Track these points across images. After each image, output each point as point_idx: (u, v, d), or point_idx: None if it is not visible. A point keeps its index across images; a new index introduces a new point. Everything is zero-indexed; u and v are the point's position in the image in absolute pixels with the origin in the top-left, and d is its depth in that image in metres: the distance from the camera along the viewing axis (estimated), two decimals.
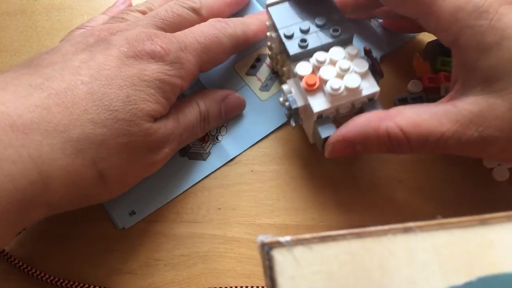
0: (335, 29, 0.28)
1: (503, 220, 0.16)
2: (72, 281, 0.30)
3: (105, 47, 0.26)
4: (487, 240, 0.15)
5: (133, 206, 0.31)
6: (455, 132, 0.24)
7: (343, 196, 0.32)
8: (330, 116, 0.28)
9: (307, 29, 0.28)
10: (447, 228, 0.15)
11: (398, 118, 0.25)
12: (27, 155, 0.22)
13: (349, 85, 0.26)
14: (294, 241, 0.15)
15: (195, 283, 0.30)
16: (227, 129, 0.33)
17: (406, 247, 0.15)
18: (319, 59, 0.27)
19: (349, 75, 0.27)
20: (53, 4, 0.38)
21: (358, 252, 0.15)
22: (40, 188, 0.23)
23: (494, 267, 0.15)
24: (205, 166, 0.32)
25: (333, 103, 0.27)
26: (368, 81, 0.27)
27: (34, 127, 0.23)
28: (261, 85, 0.34)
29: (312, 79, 0.27)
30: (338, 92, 0.26)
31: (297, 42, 0.28)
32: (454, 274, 0.15)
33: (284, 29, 0.29)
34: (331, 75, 0.27)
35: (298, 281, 0.15)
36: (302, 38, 0.28)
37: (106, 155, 0.25)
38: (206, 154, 0.33)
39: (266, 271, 0.15)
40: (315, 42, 0.28)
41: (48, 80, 0.24)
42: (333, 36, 0.28)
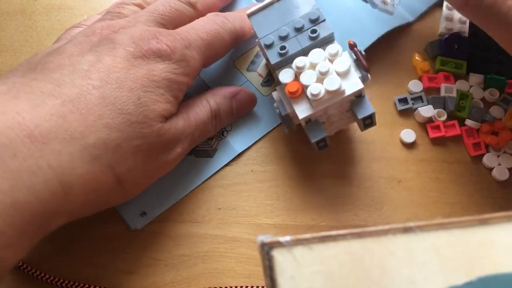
0: (313, 31, 0.28)
1: (503, 220, 0.16)
2: (72, 281, 0.30)
3: (111, 47, 0.26)
4: (487, 240, 0.15)
5: (143, 207, 0.31)
6: None
7: (343, 196, 0.32)
8: (319, 118, 0.28)
9: (286, 35, 0.28)
10: (447, 228, 0.15)
11: None
12: (46, 166, 0.22)
13: (329, 88, 0.26)
14: (294, 241, 0.15)
15: (195, 283, 0.30)
16: (232, 125, 0.33)
17: (406, 247, 0.15)
18: (299, 65, 0.27)
19: (329, 77, 0.26)
20: (53, 4, 0.38)
21: (358, 252, 0.15)
22: (61, 197, 0.23)
23: (494, 267, 0.15)
24: (213, 163, 0.32)
25: (316, 108, 0.27)
26: (351, 79, 0.27)
27: (52, 136, 0.22)
28: (262, 81, 0.34)
29: (294, 86, 0.27)
30: (318, 97, 0.26)
31: (276, 51, 0.28)
32: (454, 274, 0.15)
33: (264, 39, 0.28)
34: (311, 80, 0.26)
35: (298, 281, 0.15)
36: (282, 46, 0.28)
37: (121, 159, 0.25)
38: (212, 151, 0.32)
39: (266, 271, 0.15)
40: (294, 47, 0.28)
41: (60, 86, 0.24)
42: (312, 38, 0.28)
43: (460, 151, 0.33)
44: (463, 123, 0.34)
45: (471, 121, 0.33)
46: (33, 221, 0.22)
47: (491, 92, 0.34)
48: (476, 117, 0.33)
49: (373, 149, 0.33)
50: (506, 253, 0.15)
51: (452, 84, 0.34)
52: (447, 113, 0.34)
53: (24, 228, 0.22)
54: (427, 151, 0.33)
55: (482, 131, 0.33)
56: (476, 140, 0.33)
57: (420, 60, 0.35)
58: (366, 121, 0.28)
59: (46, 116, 0.23)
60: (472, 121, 0.33)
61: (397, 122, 0.34)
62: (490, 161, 0.33)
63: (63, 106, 0.23)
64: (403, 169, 0.33)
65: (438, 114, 0.33)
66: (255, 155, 0.33)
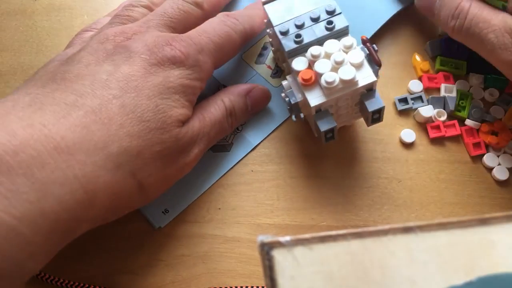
0: (329, 22, 0.28)
1: (503, 220, 0.16)
2: (72, 281, 0.30)
3: (127, 55, 0.27)
4: (487, 240, 0.15)
5: (165, 204, 0.31)
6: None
7: (343, 196, 0.32)
8: (329, 109, 0.28)
9: (302, 24, 0.29)
10: (447, 228, 0.15)
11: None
12: (72, 176, 0.22)
13: (343, 77, 0.26)
14: (294, 241, 0.15)
15: (195, 283, 0.30)
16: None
17: (406, 247, 0.15)
18: (314, 53, 0.27)
19: (343, 67, 0.27)
20: (53, 4, 0.38)
21: (358, 252, 0.15)
22: (86, 205, 0.23)
23: (494, 267, 0.15)
24: (230, 157, 0.33)
25: (329, 96, 0.27)
26: (365, 71, 0.27)
27: (77, 147, 0.23)
28: (272, 72, 0.35)
29: (308, 74, 0.27)
30: (333, 85, 0.26)
31: (292, 38, 0.28)
32: (454, 274, 0.15)
33: (279, 26, 0.29)
34: (326, 69, 0.27)
35: (298, 281, 0.15)
36: (297, 34, 0.28)
37: (143, 165, 0.25)
38: (229, 145, 0.33)
39: (266, 271, 0.15)
40: (310, 36, 0.28)
41: (82, 97, 0.25)
42: (327, 29, 0.28)
43: (460, 151, 0.33)
44: (463, 123, 0.34)
45: (471, 121, 0.33)
46: (59, 229, 0.23)
47: (491, 92, 0.34)
48: (476, 117, 0.33)
49: (373, 149, 0.33)
50: (506, 253, 0.15)
51: (452, 84, 0.34)
52: (447, 113, 0.34)
53: (50, 236, 0.22)
54: (427, 151, 0.33)
55: (482, 131, 0.33)
56: (476, 140, 0.33)
57: (420, 60, 0.35)
58: (374, 115, 0.28)
59: (71, 127, 0.23)
60: (472, 121, 0.33)
61: (397, 122, 0.34)
62: (490, 161, 0.33)
63: (86, 117, 0.24)
64: (403, 169, 0.33)
65: (438, 114, 0.33)
66: (255, 155, 0.33)
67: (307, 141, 0.33)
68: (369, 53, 0.28)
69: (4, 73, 0.36)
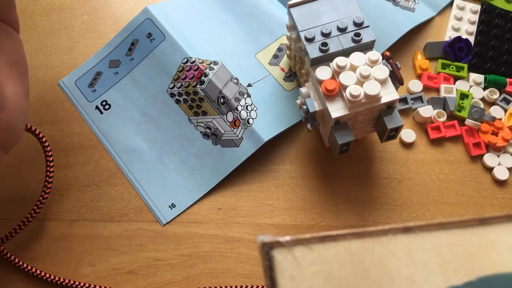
0: (357, 34, 0.28)
1: (503, 220, 0.16)
2: (72, 281, 0.30)
3: None
4: (487, 240, 0.15)
5: (172, 199, 0.32)
6: None
7: (343, 196, 0.32)
8: (347, 122, 0.27)
9: (328, 33, 0.28)
10: (447, 228, 0.15)
11: None
12: None
13: (369, 92, 0.26)
14: (294, 241, 0.15)
15: (195, 283, 0.30)
16: (258, 113, 0.33)
17: (406, 247, 0.15)
18: (340, 64, 0.27)
19: (369, 82, 0.26)
20: (53, 4, 0.38)
21: (358, 252, 0.15)
22: None
23: (494, 267, 0.15)
24: (239, 152, 0.32)
25: (351, 110, 0.26)
26: (388, 88, 0.27)
27: None
28: (285, 76, 0.34)
29: (332, 84, 0.26)
30: (357, 99, 0.26)
31: (318, 46, 0.27)
32: (454, 274, 0.15)
33: (305, 32, 0.28)
34: (351, 81, 0.26)
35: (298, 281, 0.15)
36: (323, 42, 0.27)
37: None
38: (238, 140, 0.32)
39: (266, 271, 0.15)
40: (336, 46, 0.28)
41: None
42: (354, 41, 0.28)
43: (460, 151, 0.33)
44: (463, 123, 0.34)
45: (471, 121, 0.33)
46: None
47: (491, 92, 0.34)
48: (476, 117, 0.33)
49: (373, 149, 0.33)
50: (506, 253, 0.15)
51: (452, 85, 0.34)
52: (447, 113, 0.34)
53: None
54: (427, 151, 0.33)
55: (482, 131, 0.33)
56: (476, 140, 0.33)
57: (420, 58, 0.35)
58: (391, 132, 0.28)
59: None
60: (472, 121, 0.33)
61: None
62: (490, 161, 0.33)
63: None
64: (403, 169, 0.33)
65: (438, 115, 0.33)
66: (255, 155, 0.33)
67: (307, 142, 0.33)
68: (392, 69, 0.27)
69: None
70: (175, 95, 0.34)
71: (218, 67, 0.33)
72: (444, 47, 0.35)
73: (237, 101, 0.32)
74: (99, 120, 0.34)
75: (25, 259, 0.31)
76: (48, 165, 0.30)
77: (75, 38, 0.37)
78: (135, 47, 0.35)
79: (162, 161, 0.33)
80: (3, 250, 0.31)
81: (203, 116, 0.33)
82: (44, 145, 0.31)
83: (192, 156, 0.33)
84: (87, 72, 0.36)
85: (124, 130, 0.34)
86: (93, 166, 0.33)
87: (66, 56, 0.36)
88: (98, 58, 0.36)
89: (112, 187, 0.33)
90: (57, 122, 0.34)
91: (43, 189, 0.30)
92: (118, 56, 0.35)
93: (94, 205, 0.32)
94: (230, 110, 0.32)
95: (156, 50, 0.34)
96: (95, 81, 0.36)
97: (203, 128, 0.33)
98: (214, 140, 0.33)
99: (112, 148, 0.34)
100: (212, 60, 0.33)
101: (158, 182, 0.32)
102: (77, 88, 0.35)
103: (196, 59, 0.33)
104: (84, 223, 0.32)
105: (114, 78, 0.35)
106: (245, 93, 0.33)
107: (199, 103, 0.33)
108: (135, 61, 0.35)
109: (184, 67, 0.33)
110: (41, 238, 0.31)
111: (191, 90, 0.33)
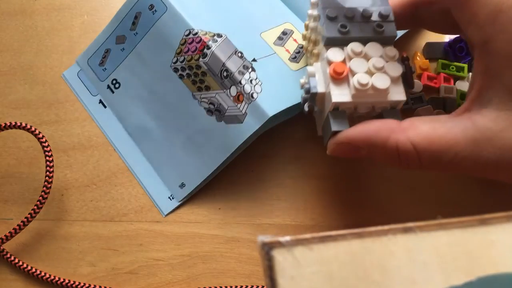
0: (379, 25, 0.27)
1: (503, 220, 0.16)
2: (72, 281, 0.30)
3: None
4: (487, 240, 0.15)
5: (182, 178, 0.32)
6: (471, 152, 0.22)
7: (343, 196, 0.32)
8: (346, 111, 0.26)
9: (352, 17, 0.27)
10: (447, 228, 0.15)
11: (411, 132, 0.23)
12: None
13: (377, 85, 0.25)
14: (294, 241, 0.15)
15: (195, 283, 0.30)
16: (262, 87, 0.31)
17: (406, 247, 0.15)
18: (355, 49, 0.26)
19: (380, 75, 0.25)
20: (53, 4, 0.38)
21: (358, 252, 0.15)
22: None
23: (494, 267, 0.15)
24: (243, 128, 0.31)
25: (355, 99, 0.25)
26: (397, 87, 0.26)
27: None
28: (290, 56, 0.33)
29: (341, 67, 0.25)
30: (364, 88, 0.25)
31: (337, 27, 0.26)
32: (454, 274, 0.15)
33: (328, 10, 0.27)
34: (362, 69, 0.25)
35: (298, 281, 0.15)
36: (343, 24, 0.27)
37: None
38: (242, 115, 0.31)
39: (266, 271, 0.15)
40: (355, 32, 0.27)
41: None
42: (375, 32, 0.27)
43: None
44: None
45: None
46: None
47: None
48: None
49: None
50: (506, 253, 0.15)
51: (452, 85, 0.34)
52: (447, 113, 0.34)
53: None
54: None
55: None
56: None
57: (420, 58, 0.35)
58: None
59: None
60: None
61: None
62: None
63: None
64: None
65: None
66: (255, 155, 0.33)
67: (307, 142, 0.33)
68: (405, 71, 0.26)
69: (4, 73, 0.36)
70: (179, 70, 0.33)
71: (222, 40, 0.32)
72: (444, 47, 0.35)
73: (241, 74, 0.31)
74: (112, 100, 0.34)
75: (25, 259, 0.31)
76: (48, 165, 0.30)
77: (75, 38, 0.37)
78: (138, 20, 0.34)
79: (170, 139, 0.33)
80: (3, 250, 0.31)
81: (206, 91, 0.32)
82: (44, 145, 0.31)
83: (197, 134, 0.32)
84: (97, 50, 0.35)
85: (134, 110, 0.34)
86: (93, 166, 0.33)
87: (66, 56, 0.36)
88: (105, 34, 0.35)
89: (112, 187, 0.33)
90: (57, 122, 0.34)
91: (43, 189, 0.30)
92: (123, 31, 0.35)
93: (94, 205, 0.32)
94: (233, 84, 0.31)
95: (158, 22, 0.33)
96: (104, 59, 0.35)
97: (207, 104, 0.32)
98: (218, 116, 0.32)
99: (124, 129, 0.34)
100: (216, 33, 0.32)
101: (168, 161, 0.32)
102: (90, 68, 0.35)
103: (199, 30, 0.32)
104: (84, 223, 0.32)
105: (121, 55, 0.35)
106: (249, 67, 0.31)
107: (202, 78, 0.32)
108: (139, 35, 0.34)
109: (187, 39, 0.32)
110: (41, 238, 0.31)
111: (193, 64, 0.32)
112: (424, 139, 0.23)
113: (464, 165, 0.22)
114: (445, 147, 0.22)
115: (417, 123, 0.24)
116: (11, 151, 0.34)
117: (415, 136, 0.23)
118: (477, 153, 0.22)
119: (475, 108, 0.23)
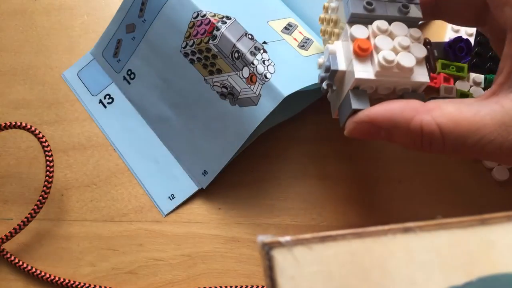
0: (405, 6, 0.26)
1: (503, 220, 0.16)
2: (72, 281, 0.30)
3: None
4: (487, 240, 0.15)
5: (204, 166, 0.32)
6: (498, 136, 0.21)
7: (343, 196, 0.32)
8: (367, 91, 0.26)
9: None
10: (447, 228, 0.15)
11: (437, 112, 0.22)
12: None
13: (403, 62, 0.24)
14: (294, 241, 0.15)
15: (195, 283, 0.30)
16: (276, 68, 0.31)
17: (406, 247, 0.15)
18: (381, 27, 0.25)
19: (405, 53, 0.25)
20: (53, 4, 0.38)
21: (358, 252, 0.15)
22: None
23: (494, 267, 0.15)
24: (258, 110, 0.30)
25: (378, 76, 0.25)
26: (421, 69, 0.25)
27: None
28: (299, 44, 0.33)
29: (366, 43, 0.25)
30: (390, 65, 0.24)
31: (362, 3, 0.26)
32: (454, 274, 0.15)
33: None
34: (387, 47, 0.25)
35: (298, 281, 0.15)
36: (369, 1, 0.26)
37: None
38: (256, 97, 0.30)
39: (266, 271, 0.15)
40: (381, 10, 0.26)
41: None
42: (401, 12, 0.26)
43: None
44: None
45: None
46: None
47: None
48: None
49: (373, 149, 0.33)
50: (506, 253, 0.15)
51: (452, 85, 0.34)
52: None
53: None
54: None
55: None
56: None
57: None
58: None
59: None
60: None
61: None
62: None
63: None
64: (403, 169, 0.33)
65: None
66: (255, 154, 0.33)
67: (308, 141, 0.33)
68: (428, 55, 0.26)
69: (4, 73, 0.36)
70: (189, 54, 0.32)
71: (231, 22, 0.32)
72: (444, 47, 0.35)
73: (253, 55, 0.30)
74: (128, 91, 0.34)
75: (25, 259, 0.31)
76: (48, 165, 0.30)
77: (75, 38, 0.37)
78: (145, 7, 0.34)
79: (188, 127, 0.33)
80: (3, 250, 0.31)
81: (218, 74, 0.31)
82: (44, 145, 0.31)
83: (213, 120, 0.32)
84: (110, 41, 0.35)
85: (152, 99, 0.34)
86: (93, 166, 0.33)
87: (66, 56, 0.36)
88: (115, 24, 0.35)
89: (112, 187, 0.33)
90: (57, 122, 0.34)
91: (43, 189, 0.30)
92: (132, 19, 0.34)
93: (94, 205, 0.32)
94: (245, 65, 0.30)
95: (165, 7, 0.33)
96: (118, 50, 0.35)
97: (219, 87, 0.31)
98: (232, 100, 0.31)
99: (144, 120, 0.34)
100: (225, 15, 0.32)
101: (189, 150, 0.32)
102: (105, 60, 0.35)
103: (207, 12, 0.31)
104: (84, 223, 0.32)
105: (133, 44, 0.34)
106: (261, 48, 0.31)
107: (212, 61, 0.31)
108: (147, 22, 0.34)
109: (195, 22, 0.32)
110: (41, 238, 0.31)
111: (203, 47, 0.32)
112: (450, 120, 0.22)
113: (489, 149, 0.22)
114: (471, 129, 0.22)
115: (442, 105, 0.23)
116: (11, 151, 0.34)
117: (440, 117, 0.22)
118: (504, 137, 0.21)
119: (503, 92, 0.22)
